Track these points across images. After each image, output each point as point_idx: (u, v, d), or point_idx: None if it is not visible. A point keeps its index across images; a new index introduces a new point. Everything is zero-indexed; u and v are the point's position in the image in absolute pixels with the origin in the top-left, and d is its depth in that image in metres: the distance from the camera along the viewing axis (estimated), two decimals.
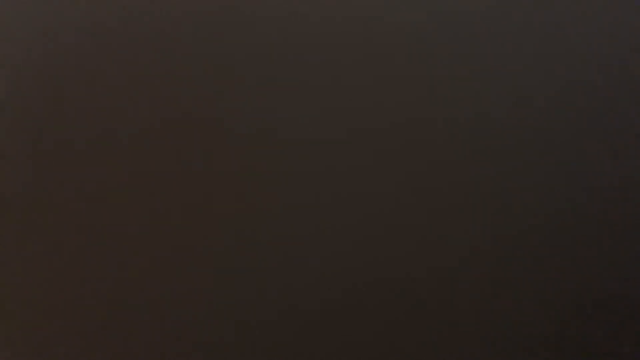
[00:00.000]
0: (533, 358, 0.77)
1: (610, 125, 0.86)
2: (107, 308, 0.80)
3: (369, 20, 0.91)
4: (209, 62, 0.89)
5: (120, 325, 0.79)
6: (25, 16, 0.94)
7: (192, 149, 0.85)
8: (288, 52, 0.89)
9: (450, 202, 0.82)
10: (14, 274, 0.82)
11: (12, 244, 0.83)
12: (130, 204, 0.84)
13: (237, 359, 0.78)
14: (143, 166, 0.85)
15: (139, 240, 0.82)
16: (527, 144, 0.85)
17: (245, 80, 0.88)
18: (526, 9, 0.91)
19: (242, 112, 0.86)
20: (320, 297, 0.79)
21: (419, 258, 0.80)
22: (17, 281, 0.81)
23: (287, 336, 0.78)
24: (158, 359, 0.78)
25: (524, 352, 0.77)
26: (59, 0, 0.95)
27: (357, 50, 0.89)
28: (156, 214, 0.83)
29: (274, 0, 0.92)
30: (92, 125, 0.87)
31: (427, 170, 0.83)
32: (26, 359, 0.78)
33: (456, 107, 0.86)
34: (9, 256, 0.83)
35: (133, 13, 0.92)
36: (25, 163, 0.86)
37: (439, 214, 0.82)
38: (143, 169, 0.85)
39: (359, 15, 0.91)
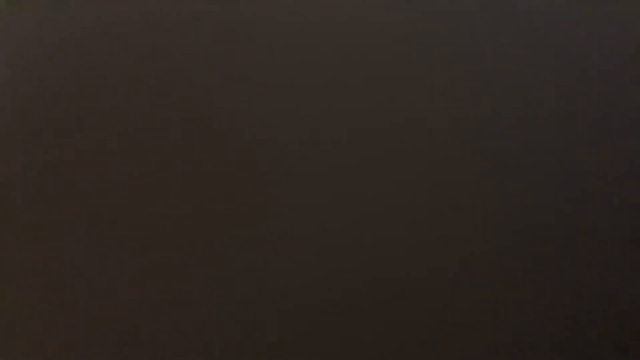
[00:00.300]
0: (534, 358, 0.77)
1: (611, 125, 0.86)
2: (106, 308, 0.80)
3: (368, 20, 0.91)
4: (209, 61, 0.89)
5: (120, 325, 0.79)
6: (26, 16, 0.94)
7: (192, 149, 0.85)
8: (288, 52, 0.89)
9: (450, 202, 0.82)
10: (14, 274, 0.82)
11: (12, 244, 0.83)
12: (130, 204, 0.84)
13: (237, 359, 0.78)
14: (142, 166, 0.85)
15: (138, 240, 0.82)
16: (528, 144, 0.85)
17: (245, 79, 0.88)
18: (527, 9, 0.91)
19: (242, 112, 0.87)
20: (320, 297, 0.80)
21: (419, 258, 0.80)
22: (17, 281, 0.81)
23: (287, 336, 0.78)
24: (158, 359, 0.78)
25: (524, 352, 0.78)
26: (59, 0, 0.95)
27: (357, 50, 0.89)
28: (156, 214, 0.83)
29: (274, 0, 0.92)
30: (91, 125, 0.87)
31: (427, 170, 0.83)
32: (26, 358, 0.78)
33: (456, 107, 0.86)
34: (8, 256, 0.83)
35: (132, 12, 0.93)
36: (25, 163, 0.86)
37: (439, 214, 0.82)
38: (142, 169, 0.85)
39: (359, 15, 0.91)
